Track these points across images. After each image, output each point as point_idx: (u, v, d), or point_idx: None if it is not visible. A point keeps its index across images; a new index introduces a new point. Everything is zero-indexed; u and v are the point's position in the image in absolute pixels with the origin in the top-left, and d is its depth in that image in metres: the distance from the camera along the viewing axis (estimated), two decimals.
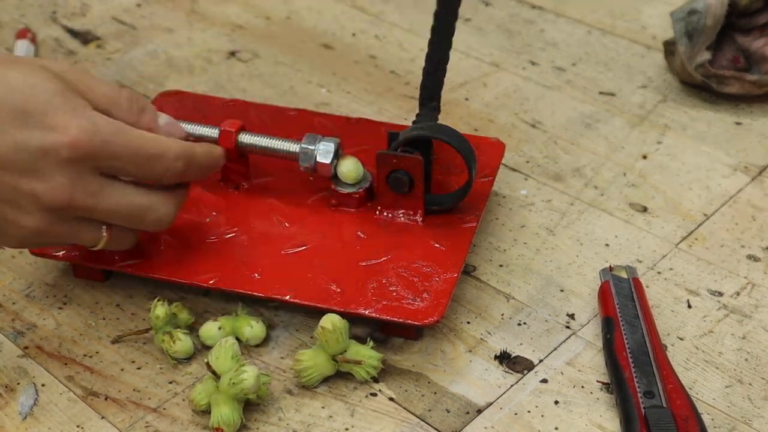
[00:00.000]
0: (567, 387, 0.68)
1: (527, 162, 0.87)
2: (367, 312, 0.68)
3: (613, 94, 0.94)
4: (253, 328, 0.70)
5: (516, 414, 0.66)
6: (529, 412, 0.66)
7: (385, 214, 0.75)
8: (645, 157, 0.87)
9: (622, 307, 0.70)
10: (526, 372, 0.69)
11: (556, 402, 0.67)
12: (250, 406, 0.67)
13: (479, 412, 0.67)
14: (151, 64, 1.00)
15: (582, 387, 0.68)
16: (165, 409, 0.67)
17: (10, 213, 0.64)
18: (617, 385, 0.65)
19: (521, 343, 0.71)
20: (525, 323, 0.72)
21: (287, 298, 0.69)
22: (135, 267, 0.72)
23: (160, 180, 0.67)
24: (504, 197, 0.83)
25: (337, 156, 0.74)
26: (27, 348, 0.71)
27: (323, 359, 0.67)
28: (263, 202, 0.77)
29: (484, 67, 0.99)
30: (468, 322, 0.73)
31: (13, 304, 0.75)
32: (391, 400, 0.68)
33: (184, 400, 0.68)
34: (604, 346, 0.69)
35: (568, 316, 0.73)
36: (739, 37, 0.93)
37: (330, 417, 0.66)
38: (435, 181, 0.77)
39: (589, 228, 0.80)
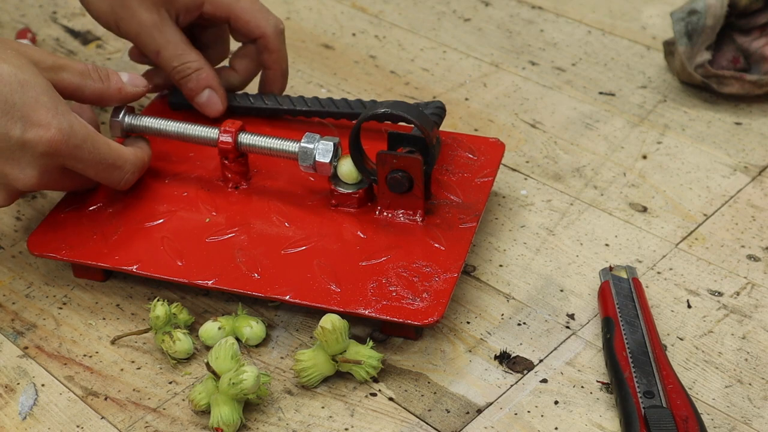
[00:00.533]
0: (567, 387, 0.68)
1: (527, 162, 0.87)
2: (366, 312, 0.68)
3: (613, 94, 0.94)
4: (252, 329, 0.70)
5: (516, 414, 0.66)
6: (529, 412, 0.66)
7: (385, 214, 0.75)
8: (645, 157, 0.87)
9: (622, 307, 0.70)
10: (526, 372, 0.69)
11: (556, 402, 0.67)
12: (250, 406, 0.67)
13: (479, 412, 0.67)
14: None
15: (582, 387, 0.68)
16: (165, 409, 0.67)
17: None
18: (617, 385, 0.65)
19: (521, 343, 0.71)
20: (525, 323, 0.72)
21: (287, 298, 0.69)
22: (135, 267, 0.72)
23: (113, 185, 0.75)
24: (504, 197, 0.83)
25: (336, 155, 0.74)
26: (27, 348, 0.71)
27: (323, 359, 0.67)
28: (263, 202, 0.77)
29: (484, 67, 0.99)
30: (468, 322, 0.73)
31: (13, 304, 0.75)
32: (390, 400, 0.68)
33: (183, 400, 0.68)
34: (603, 346, 0.69)
35: (567, 316, 0.73)
36: (739, 38, 0.93)
37: (330, 417, 0.66)
38: (435, 181, 0.77)
39: (589, 228, 0.80)
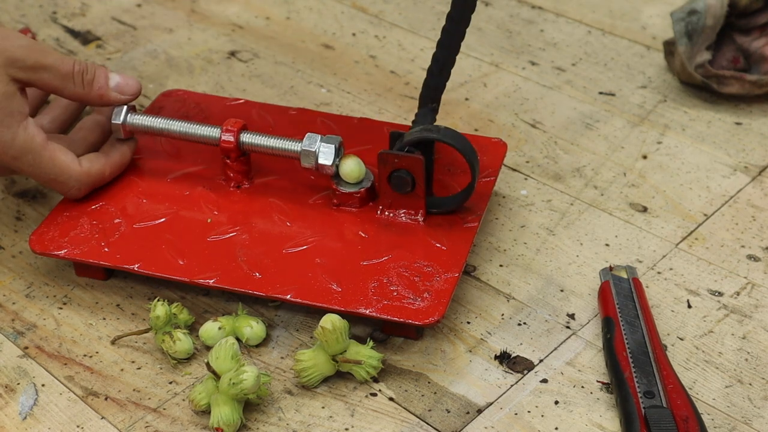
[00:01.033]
0: (567, 387, 0.68)
1: (527, 162, 0.87)
2: (367, 311, 0.68)
3: (613, 94, 0.94)
4: (253, 328, 0.70)
5: (516, 414, 0.66)
6: (529, 412, 0.66)
7: (386, 213, 0.75)
8: (645, 157, 0.87)
9: (622, 307, 0.70)
10: (526, 372, 0.69)
11: (556, 402, 0.67)
12: (250, 406, 0.67)
13: (479, 412, 0.67)
14: (151, 64, 1.00)
15: (582, 387, 0.68)
16: (165, 409, 0.67)
17: None
18: (617, 385, 0.65)
19: (521, 343, 0.71)
20: (525, 323, 0.72)
21: (288, 297, 0.69)
22: (137, 266, 0.72)
23: (62, 194, 0.77)
24: (504, 197, 0.83)
25: (338, 155, 0.74)
26: (27, 348, 0.71)
27: (323, 359, 0.67)
28: (264, 201, 0.77)
29: (484, 67, 0.99)
30: (468, 322, 0.73)
31: (13, 304, 0.75)
32: (391, 400, 0.68)
33: (184, 400, 0.68)
34: (604, 346, 0.69)
35: (568, 316, 0.73)
36: (739, 38, 0.93)
37: (330, 417, 0.66)
38: (436, 181, 0.77)
39: (589, 228, 0.80)
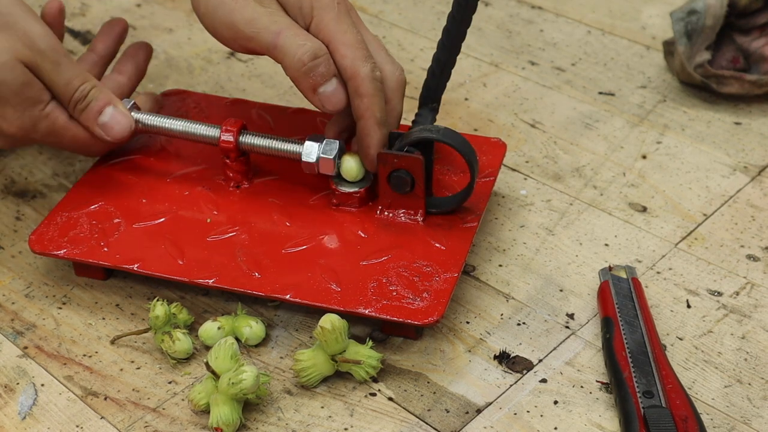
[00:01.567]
0: (566, 387, 0.68)
1: (527, 162, 0.87)
2: (367, 311, 0.68)
3: (612, 94, 0.94)
4: (252, 328, 0.70)
5: (515, 414, 0.66)
6: (528, 412, 0.66)
7: (386, 213, 0.75)
8: (644, 157, 0.87)
9: (622, 307, 0.70)
10: (525, 372, 0.69)
11: (556, 402, 0.67)
12: (250, 406, 0.67)
13: (479, 411, 0.67)
14: (151, 64, 0.99)
15: (581, 387, 0.68)
16: (164, 409, 0.67)
17: None
18: (616, 384, 0.65)
19: (521, 343, 0.71)
20: (524, 323, 0.72)
21: (287, 297, 0.69)
22: (136, 266, 0.72)
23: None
24: (503, 197, 0.83)
25: (340, 156, 0.74)
26: (26, 348, 0.71)
27: (322, 359, 0.67)
28: (264, 201, 0.77)
29: (484, 67, 0.99)
30: (467, 322, 0.73)
31: (13, 304, 0.75)
32: (390, 399, 0.68)
33: (183, 400, 0.68)
34: (603, 345, 0.69)
35: (567, 315, 0.73)
36: (739, 38, 0.93)
37: (329, 417, 0.66)
38: (436, 181, 0.77)
39: (589, 228, 0.80)
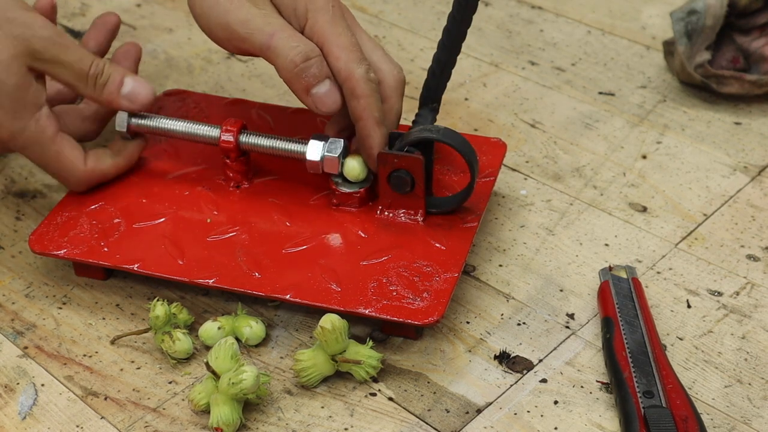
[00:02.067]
0: (566, 387, 0.68)
1: (527, 162, 0.87)
2: (367, 311, 0.68)
3: (612, 94, 0.94)
4: (252, 328, 0.70)
5: (515, 414, 0.66)
6: (528, 412, 0.66)
7: (386, 213, 0.75)
8: (644, 157, 0.87)
9: (622, 307, 0.70)
10: (525, 372, 0.69)
11: (556, 402, 0.67)
12: (250, 406, 0.67)
13: (479, 411, 0.67)
14: (151, 64, 1.00)
15: (581, 387, 0.68)
16: (164, 409, 0.67)
17: None
18: (617, 384, 0.65)
19: (521, 343, 0.71)
20: (524, 323, 0.72)
21: (288, 297, 0.69)
22: (136, 266, 0.72)
23: (64, 185, 0.77)
24: (504, 197, 0.83)
25: (343, 157, 0.74)
26: (26, 348, 0.71)
27: (322, 359, 0.67)
28: (264, 201, 0.77)
29: (484, 67, 0.99)
30: (468, 322, 0.73)
31: (13, 304, 0.75)
32: (390, 399, 0.68)
33: (183, 400, 0.68)
34: (603, 345, 0.69)
35: (567, 315, 0.73)
36: (739, 37, 0.93)
37: (329, 417, 0.66)
38: (436, 181, 0.77)
39: (589, 228, 0.80)
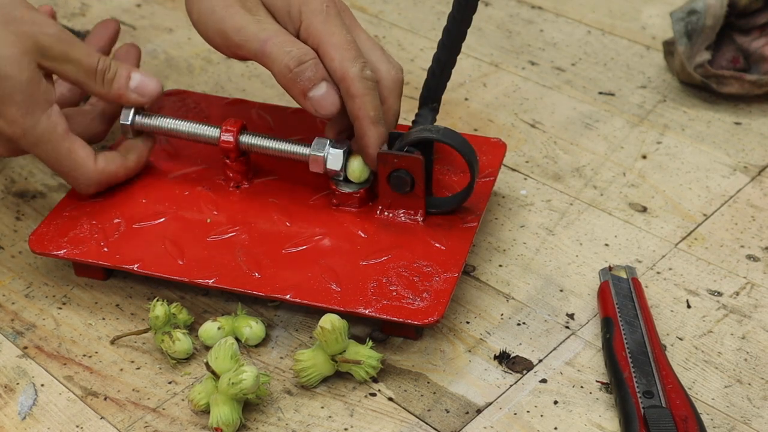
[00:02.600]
0: (566, 387, 0.68)
1: (527, 162, 0.87)
2: (367, 311, 0.68)
3: (612, 94, 0.94)
4: (252, 328, 0.70)
5: (515, 414, 0.66)
6: (528, 412, 0.66)
7: (385, 213, 0.75)
8: (644, 157, 0.87)
9: (622, 307, 0.70)
10: (525, 372, 0.69)
11: (556, 402, 0.67)
12: (250, 406, 0.67)
13: (479, 412, 0.67)
14: (151, 64, 1.00)
15: (581, 387, 0.68)
16: (164, 409, 0.67)
17: None
18: (616, 384, 0.65)
19: (521, 343, 0.71)
20: (524, 323, 0.72)
21: (287, 297, 0.69)
22: (136, 266, 0.72)
23: (73, 186, 0.76)
24: (504, 197, 0.83)
25: (347, 159, 0.74)
26: (26, 348, 0.71)
27: (322, 359, 0.67)
28: (264, 201, 0.77)
29: (484, 67, 0.99)
30: (467, 322, 0.73)
31: (13, 304, 0.75)
32: (390, 400, 0.68)
33: (183, 400, 0.68)
34: (603, 346, 0.69)
35: (567, 316, 0.73)
36: (739, 38, 0.93)
37: (329, 417, 0.66)
38: (436, 181, 0.77)
39: (589, 228, 0.80)
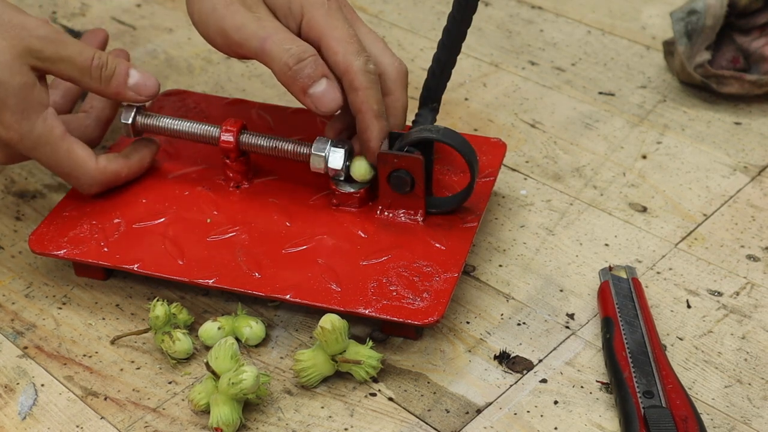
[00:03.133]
0: (566, 387, 0.68)
1: (527, 162, 0.87)
2: (367, 311, 0.68)
3: (612, 94, 0.94)
4: (252, 328, 0.70)
5: (515, 414, 0.66)
6: (528, 412, 0.66)
7: (386, 213, 0.75)
8: (644, 157, 0.87)
9: (622, 307, 0.70)
10: (525, 372, 0.69)
11: (556, 402, 0.67)
12: (250, 406, 0.67)
13: (479, 412, 0.67)
14: (151, 64, 1.00)
15: (581, 387, 0.68)
16: (164, 409, 0.67)
17: None
18: (617, 384, 0.65)
19: (521, 343, 0.71)
20: (524, 323, 0.72)
21: (287, 297, 0.69)
22: (136, 266, 0.72)
23: (75, 187, 0.76)
24: (504, 197, 0.83)
25: (348, 159, 0.74)
26: (26, 348, 0.71)
27: (322, 359, 0.67)
28: (264, 201, 0.77)
29: (484, 67, 0.99)
30: (467, 322, 0.73)
31: (13, 304, 0.75)
32: (390, 400, 0.68)
33: (183, 400, 0.68)
34: (603, 346, 0.69)
35: (567, 316, 0.73)
36: (739, 38, 0.93)
37: (329, 417, 0.66)
38: (436, 181, 0.77)
39: (589, 228, 0.80)
